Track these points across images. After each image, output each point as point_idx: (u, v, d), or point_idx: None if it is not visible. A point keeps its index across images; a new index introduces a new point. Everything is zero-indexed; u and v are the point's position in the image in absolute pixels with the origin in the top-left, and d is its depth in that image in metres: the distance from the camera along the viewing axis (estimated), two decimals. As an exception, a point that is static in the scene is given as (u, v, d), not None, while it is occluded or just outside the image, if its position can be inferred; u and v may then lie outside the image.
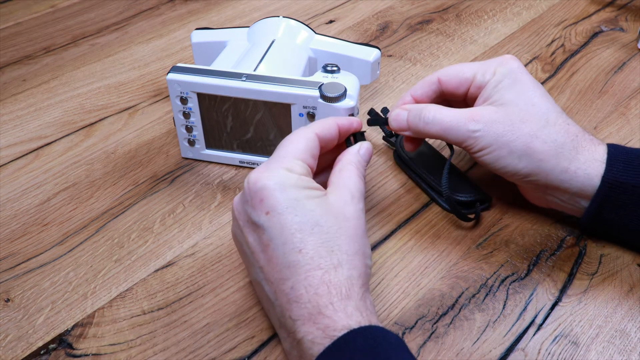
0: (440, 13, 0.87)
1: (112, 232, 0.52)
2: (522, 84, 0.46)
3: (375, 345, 0.34)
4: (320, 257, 0.37)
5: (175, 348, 0.42)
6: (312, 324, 0.36)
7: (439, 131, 0.47)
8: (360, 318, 0.36)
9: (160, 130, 0.64)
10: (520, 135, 0.44)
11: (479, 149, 0.46)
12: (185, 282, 0.47)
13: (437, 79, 0.50)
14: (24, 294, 0.47)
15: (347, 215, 0.39)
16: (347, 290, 0.36)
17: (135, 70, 0.75)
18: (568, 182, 0.45)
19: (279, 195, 0.38)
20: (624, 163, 0.44)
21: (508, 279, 0.47)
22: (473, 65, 0.49)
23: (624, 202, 0.44)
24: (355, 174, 0.43)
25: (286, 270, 0.38)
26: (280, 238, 0.38)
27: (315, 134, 0.43)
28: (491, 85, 0.47)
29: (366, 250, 0.40)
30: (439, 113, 0.47)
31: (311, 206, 0.38)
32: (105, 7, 0.91)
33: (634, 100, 0.67)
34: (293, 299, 0.37)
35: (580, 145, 0.45)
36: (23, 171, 0.59)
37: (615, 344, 0.42)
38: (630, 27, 0.82)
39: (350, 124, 0.46)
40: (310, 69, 0.64)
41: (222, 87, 0.52)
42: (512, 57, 0.48)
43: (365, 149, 0.45)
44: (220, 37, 0.65)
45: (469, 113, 0.46)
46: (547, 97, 0.47)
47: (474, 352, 0.42)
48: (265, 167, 0.40)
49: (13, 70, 0.75)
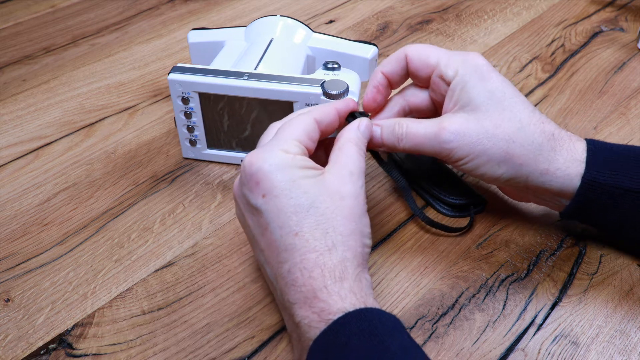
0: (440, 13, 0.87)
1: (112, 232, 0.52)
2: (488, 83, 0.44)
3: (371, 327, 0.34)
4: (315, 239, 0.37)
5: (175, 348, 0.42)
6: (308, 307, 0.36)
7: (413, 146, 0.45)
8: (354, 300, 0.36)
9: (160, 130, 0.64)
10: (496, 142, 0.43)
11: (457, 159, 0.45)
12: (185, 282, 0.47)
13: (404, 55, 0.48)
14: (24, 294, 0.47)
15: (344, 194, 0.39)
16: (340, 273, 0.36)
17: (135, 70, 0.75)
18: (548, 183, 0.44)
19: (274, 178, 0.38)
20: (603, 162, 0.43)
21: (508, 279, 0.47)
22: (438, 52, 0.47)
23: (603, 202, 0.44)
24: (355, 150, 0.42)
25: (283, 254, 0.38)
26: (277, 221, 0.38)
27: (313, 119, 0.43)
28: (458, 87, 0.45)
29: (364, 229, 0.39)
30: (411, 127, 0.45)
31: (307, 187, 0.38)
32: (105, 7, 0.91)
33: (634, 100, 0.67)
34: (290, 282, 0.37)
35: (558, 145, 0.44)
36: (23, 171, 0.59)
37: (615, 344, 0.42)
38: (630, 27, 0.82)
39: (347, 104, 0.46)
40: (308, 67, 0.64)
41: (224, 86, 0.52)
42: (477, 55, 0.46)
43: (365, 125, 0.44)
44: (217, 37, 0.65)
45: (441, 124, 0.44)
46: (517, 94, 0.45)
47: (474, 352, 0.42)
48: (261, 149, 0.40)
49: (13, 70, 0.75)
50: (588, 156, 0.44)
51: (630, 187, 0.42)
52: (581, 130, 0.63)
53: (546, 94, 0.69)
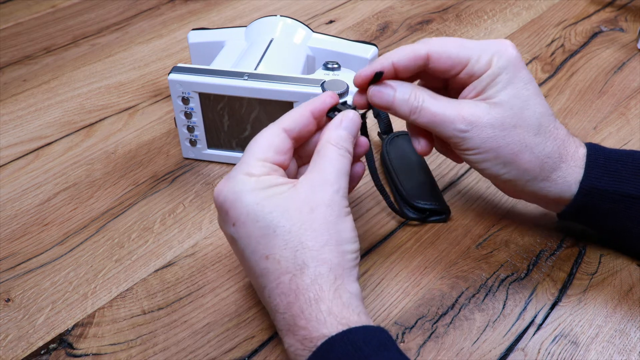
0: (440, 13, 0.87)
1: (113, 232, 0.52)
2: (519, 81, 0.43)
3: (355, 349, 0.33)
4: (286, 260, 0.36)
5: (175, 348, 0.43)
6: (292, 335, 0.36)
7: (425, 123, 0.43)
8: (334, 322, 0.34)
9: (160, 130, 0.64)
10: (510, 142, 0.42)
11: (465, 149, 0.43)
12: (186, 282, 0.47)
13: (426, 55, 0.43)
14: (24, 294, 0.47)
15: (314, 204, 0.37)
16: (315, 294, 0.35)
17: (136, 71, 0.75)
18: (547, 189, 0.44)
19: (239, 205, 0.37)
20: (601, 168, 0.43)
21: (508, 279, 0.47)
22: (468, 46, 0.43)
23: (600, 208, 0.44)
24: (334, 152, 0.39)
25: (260, 279, 0.37)
26: (249, 247, 0.37)
27: (281, 129, 0.41)
28: (487, 78, 0.42)
29: (341, 235, 0.37)
30: (428, 104, 0.42)
31: (272, 206, 0.37)
32: (106, 7, 0.91)
33: (634, 100, 0.68)
34: (273, 308, 0.37)
35: (565, 152, 0.44)
36: (23, 171, 0.59)
37: (615, 343, 0.42)
38: (630, 27, 0.82)
39: (323, 102, 0.43)
40: (308, 67, 0.64)
41: (224, 86, 0.52)
42: (510, 44, 0.43)
43: (348, 120, 0.41)
44: (217, 37, 0.65)
45: (460, 110, 0.42)
46: (540, 94, 0.44)
47: (474, 352, 0.42)
48: (226, 178, 0.40)
49: (13, 71, 0.75)
50: (587, 162, 0.43)
51: (630, 193, 0.43)
52: (581, 130, 0.63)
53: (546, 94, 0.69)
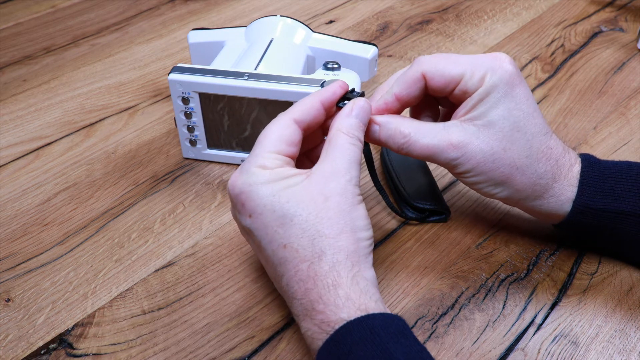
0: (440, 13, 0.87)
1: (113, 232, 0.52)
2: (511, 100, 0.42)
3: (373, 335, 0.34)
4: (304, 248, 0.37)
5: (175, 348, 0.43)
6: (309, 319, 0.36)
7: (417, 155, 0.43)
8: (353, 307, 0.35)
9: (160, 130, 0.64)
10: (500, 166, 0.42)
11: (458, 173, 0.44)
12: (186, 282, 0.47)
13: (421, 75, 0.43)
14: (24, 294, 0.47)
15: (328, 193, 0.38)
16: (333, 280, 0.36)
17: (136, 71, 0.75)
18: (539, 206, 0.44)
19: (256, 196, 0.38)
20: (595, 187, 0.43)
21: (508, 279, 0.47)
22: (461, 62, 0.42)
23: (594, 225, 0.44)
24: (344, 140, 0.40)
25: (278, 268, 0.38)
26: (266, 237, 0.38)
27: (292, 120, 0.41)
28: (478, 97, 0.42)
29: (356, 223, 0.38)
30: (416, 136, 0.42)
31: (288, 196, 0.38)
32: (106, 7, 0.91)
33: (634, 100, 0.68)
34: (291, 295, 0.38)
35: (559, 172, 0.43)
36: (23, 171, 0.59)
37: (614, 343, 0.42)
38: (629, 27, 0.82)
39: (334, 92, 0.42)
40: (308, 67, 0.64)
41: (224, 86, 0.52)
42: (507, 59, 0.42)
43: (360, 108, 0.41)
44: (217, 37, 0.65)
45: (449, 137, 0.42)
46: (536, 112, 0.43)
47: (474, 352, 0.42)
48: (240, 170, 0.40)
49: (13, 71, 0.75)
50: (581, 180, 0.43)
51: (623, 210, 0.42)
52: (581, 130, 0.63)
53: (546, 94, 0.69)
